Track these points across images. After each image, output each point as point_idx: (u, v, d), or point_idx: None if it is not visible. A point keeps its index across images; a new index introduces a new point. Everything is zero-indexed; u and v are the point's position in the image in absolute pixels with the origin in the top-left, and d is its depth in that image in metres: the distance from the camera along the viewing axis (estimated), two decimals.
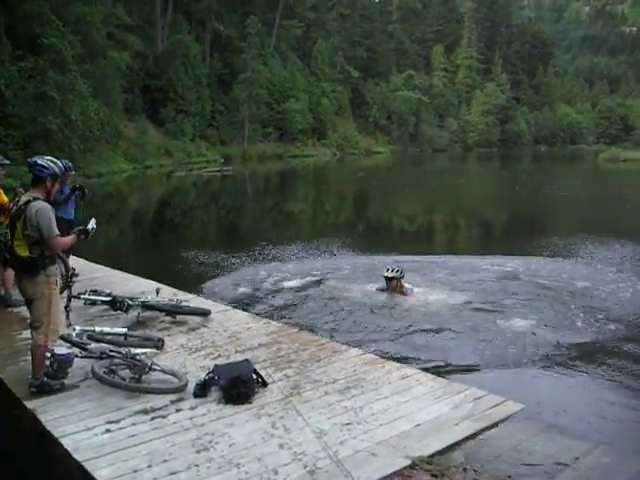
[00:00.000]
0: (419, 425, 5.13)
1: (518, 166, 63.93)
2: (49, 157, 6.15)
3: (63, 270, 8.25)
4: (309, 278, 12.23)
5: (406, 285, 10.39)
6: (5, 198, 8.97)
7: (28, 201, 5.84)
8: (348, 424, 5.15)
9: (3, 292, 9.18)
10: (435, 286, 11.55)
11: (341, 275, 12.52)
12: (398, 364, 6.64)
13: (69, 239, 6.08)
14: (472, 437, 5.00)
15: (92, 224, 6.36)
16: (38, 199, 5.87)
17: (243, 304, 10.04)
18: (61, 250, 5.82)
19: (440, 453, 4.73)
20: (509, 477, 4.44)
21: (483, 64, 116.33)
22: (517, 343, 8.13)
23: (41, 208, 5.82)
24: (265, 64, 79.26)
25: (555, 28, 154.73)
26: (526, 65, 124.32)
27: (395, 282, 10.20)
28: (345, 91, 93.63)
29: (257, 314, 9.13)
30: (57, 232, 5.83)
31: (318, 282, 11.90)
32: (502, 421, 5.29)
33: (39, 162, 5.99)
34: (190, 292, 10.49)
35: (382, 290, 10.54)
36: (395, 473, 4.44)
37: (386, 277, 10.28)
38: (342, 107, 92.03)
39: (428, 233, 20.42)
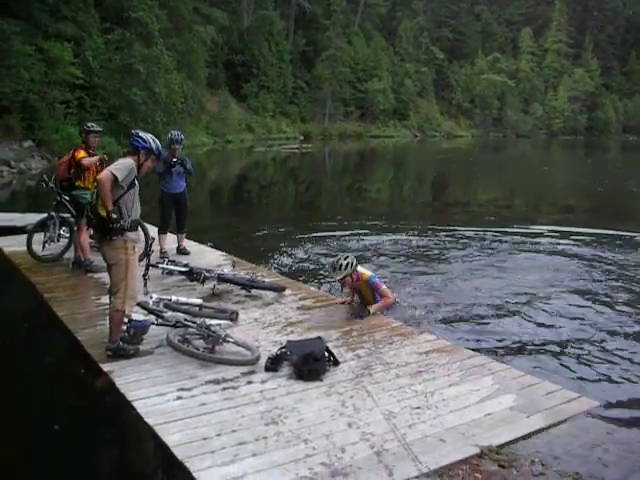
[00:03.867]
0: (490, 414, 5.04)
1: (605, 155, 61.76)
2: (152, 135, 6.38)
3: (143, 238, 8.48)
4: (389, 257, 12.09)
5: (366, 273, 8.03)
6: (81, 154, 9.38)
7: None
8: (418, 408, 5.10)
9: (83, 258, 9.49)
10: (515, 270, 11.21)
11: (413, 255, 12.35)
12: (471, 352, 6.53)
13: (109, 200, 5.90)
14: (543, 431, 4.88)
15: (139, 235, 6.48)
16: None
17: (317, 281, 10.02)
18: (101, 193, 5.91)
19: (509, 444, 4.65)
20: (577, 474, 4.33)
21: (572, 49, 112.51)
22: (598, 336, 7.83)
23: (121, 160, 6.12)
24: (349, 42, 79.07)
25: None
26: (618, 51, 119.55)
27: (348, 279, 7.83)
28: (429, 72, 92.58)
29: (330, 292, 9.12)
30: (114, 174, 5.89)
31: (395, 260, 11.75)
32: (575, 417, 5.14)
33: (140, 134, 6.30)
34: (266, 267, 10.60)
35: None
36: (463, 461, 4.38)
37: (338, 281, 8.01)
38: (425, 88, 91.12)
39: (504, 220, 19.88)
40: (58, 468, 4.59)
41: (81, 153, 9.36)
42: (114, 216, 5.93)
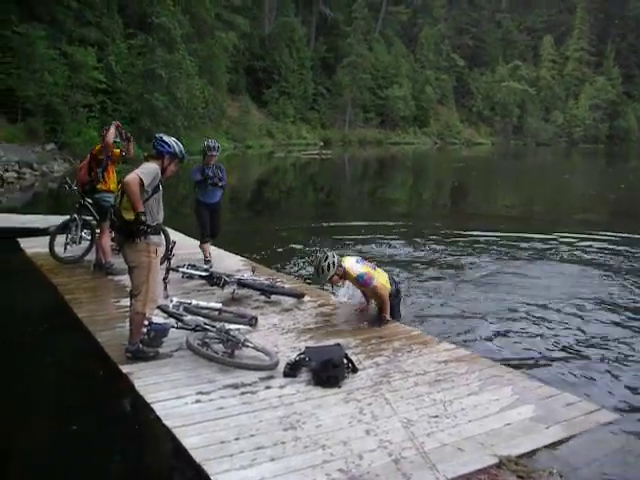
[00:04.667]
0: (509, 425, 5.02)
1: (626, 164, 61.01)
2: (175, 139, 6.39)
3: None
4: (408, 263, 12.01)
5: (353, 270, 7.58)
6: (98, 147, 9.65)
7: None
8: (436, 417, 5.09)
9: (104, 261, 9.57)
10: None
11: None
12: (490, 361, 6.50)
13: (139, 202, 5.89)
14: (562, 442, 4.86)
15: (161, 239, 6.49)
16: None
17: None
18: (130, 195, 5.92)
19: (528, 455, 4.63)
20: None
21: (594, 57, 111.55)
22: (620, 348, 7.73)
23: (146, 165, 6.12)
24: (370, 49, 79.13)
25: None
26: None
27: (335, 278, 7.63)
28: (449, 79, 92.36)
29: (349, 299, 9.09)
30: (141, 179, 5.87)
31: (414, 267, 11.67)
32: (594, 429, 5.11)
33: (164, 138, 6.31)
34: (285, 272, 10.61)
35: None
36: (481, 470, 4.37)
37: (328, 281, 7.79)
38: (445, 96, 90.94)
39: (525, 227, 19.75)
40: (75, 467, 4.63)
41: (98, 146, 9.63)
42: (144, 218, 5.95)
